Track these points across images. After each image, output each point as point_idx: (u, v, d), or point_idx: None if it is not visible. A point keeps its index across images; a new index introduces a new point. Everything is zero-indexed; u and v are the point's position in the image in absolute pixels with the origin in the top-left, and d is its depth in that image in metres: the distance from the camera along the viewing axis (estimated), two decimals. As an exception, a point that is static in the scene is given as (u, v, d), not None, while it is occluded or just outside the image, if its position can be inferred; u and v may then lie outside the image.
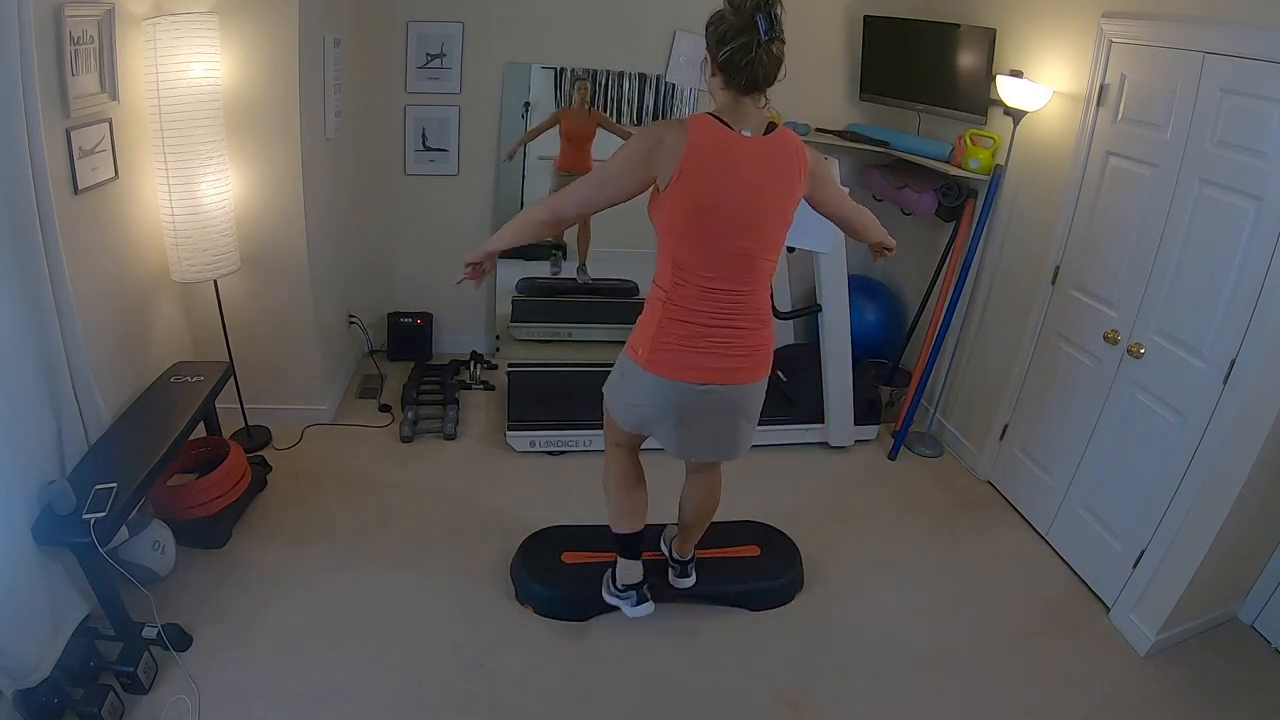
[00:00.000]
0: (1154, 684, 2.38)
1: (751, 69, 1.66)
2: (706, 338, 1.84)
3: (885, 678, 2.33)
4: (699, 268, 1.80)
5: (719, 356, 1.86)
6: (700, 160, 1.70)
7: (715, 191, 1.72)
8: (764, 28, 1.61)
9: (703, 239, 1.77)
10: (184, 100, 2.47)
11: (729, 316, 1.84)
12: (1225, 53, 2.24)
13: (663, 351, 1.86)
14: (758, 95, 1.74)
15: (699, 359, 1.85)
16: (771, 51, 1.65)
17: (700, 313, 1.83)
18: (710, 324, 1.83)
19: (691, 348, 1.84)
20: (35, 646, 1.91)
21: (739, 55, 1.65)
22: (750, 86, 1.70)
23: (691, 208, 1.74)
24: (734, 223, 1.75)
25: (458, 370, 3.86)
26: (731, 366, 1.88)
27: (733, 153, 1.72)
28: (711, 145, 1.71)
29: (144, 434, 2.33)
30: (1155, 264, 2.51)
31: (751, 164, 1.73)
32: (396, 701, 2.11)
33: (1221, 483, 2.26)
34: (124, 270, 2.49)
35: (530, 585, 2.47)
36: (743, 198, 1.74)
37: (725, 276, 1.80)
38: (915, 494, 3.29)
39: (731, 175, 1.72)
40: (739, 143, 1.72)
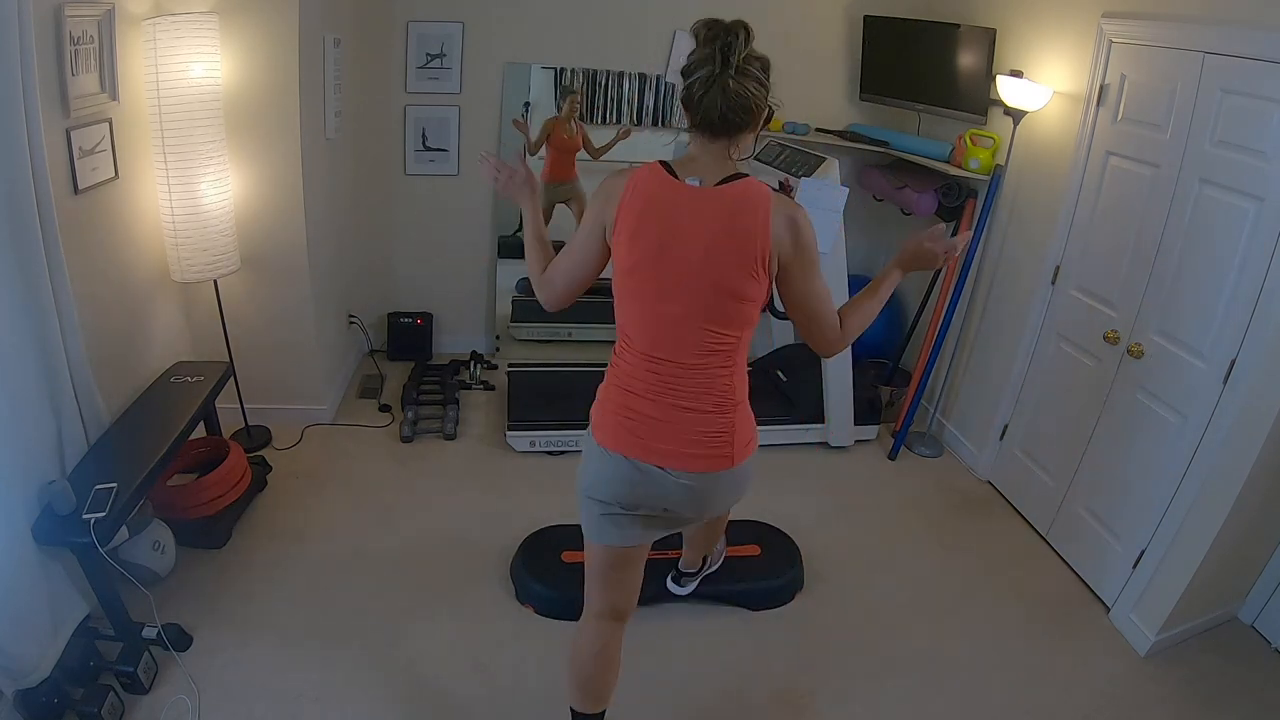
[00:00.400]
0: (1154, 684, 2.38)
1: (707, 106, 1.41)
2: (645, 414, 1.58)
3: (885, 678, 2.33)
4: (636, 333, 1.57)
5: (660, 438, 1.57)
6: (633, 212, 1.49)
7: (645, 248, 1.49)
8: (719, 61, 1.39)
9: (637, 300, 1.54)
10: (184, 100, 2.47)
11: (673, 394, 1.56)
12: (1225, 53, 2.24)
13: (604, 417, 1.64)
14: (720, 139, 1.47)
15: (638, 431, 1.59)
16: (728, 86, 1.39)
17: (638, 383, 1.58)
18: (651, 398, 1.57)
19: (630, 418, 1.59)
20: (35, 646, 1.91)
21: (695, 89, 1.42)
22: (708, 127, 1.45)
23: (625, 264, 1.52)
24: (666, 285, 1.50)
25: (458, 370, 3.86)
26: (676, 451, 1.57)
27: (669, 205, 1.48)
28: (646, 195, 1.49)
29: (144, 434, 2.33)
30: (1155, 264, 2.51)
31: (692, 219, 1.47)
32: (396, 701, 2.11)
33: (1221, 483, 2.26)
34: (124, 270, 2.49)
35: (530, 585, 2.47)
36: (676, 257, 1.47)
37: (665, 346, 1.54)
38: (915, 494, 3.29)
39: (664, 230, 1.47)
40: (680, 193, 1.48)
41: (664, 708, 2.18)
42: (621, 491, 1.64)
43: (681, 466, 1.58)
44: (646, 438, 1.58)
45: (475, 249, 3.99)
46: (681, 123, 4.00)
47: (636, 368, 1.58)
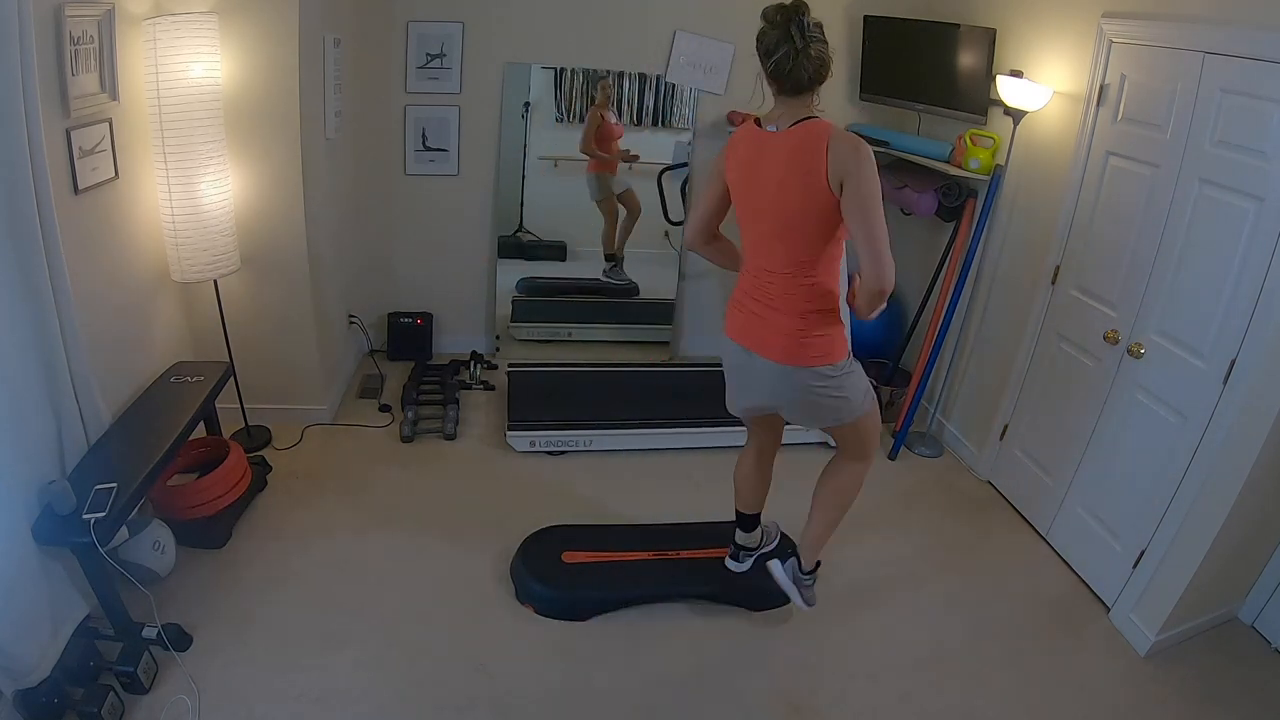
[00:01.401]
0: (1154, 684, 2.38)
1: (796, 73, 1.80)
2: (750, 310, 2.05)
3: (885, 678, 2.33)
4: (747, 250, 2.06)
5: (756, 329, 2.05)
6: (734, 157, 1.98)
7: (743, 182, 1.97)
8: (799, 36, 1.76)
9: (743, 224, 2.03)
10: (184, 100, 2.47)
11: (766, 296, 2.01)
12: (1225, 53, 2.24)
13: (729, 314, 2.15)
14: (803, 95, 1.85)
15: (742, 321, 2.08)
16: (810, 54, 1.78)
17: (749, 286, 2.06)
18: (754, 298, 2.04)
19: (741, 314, 2.09)
20: (35, 646, 1.91)
21: (784, 64, 1.79)
22: (796, 89, 1.83)
23: (734, 197, 2.03)
24: (757, 209, 1.95)
25: (458, 370, 3.86)
26: (763, 340, 2.03)
27: (755, 147, 1.92)
28: (742, 143, 1.95)
29: (144, 434, 2.33)
30: (1155, 264, 2.51)
31: (771, 156, 1.89)
32: (396, 701, 2.11)
33: (1221, 483, 2.26)
34: (124, 270, 2.49)
35: (530, 585, 2.47)
36: (762, 187, 1.92)
37: (762, 258, 2.00)
38: (915, 494, 3.29)
39: (752, 167, 1.93)
40: (763, 138, 1.90)
41: (664, 707, 2.18)
42: (734, 367, 2.18)
43: (765, 355, 2.03)
44: (748, 328, 2.07)
45: (475, 249, 3.99)
46: (682, 124, 4.02)
47: (747, 277, 2.07)
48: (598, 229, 4.04)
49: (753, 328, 2.05)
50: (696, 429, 3.42)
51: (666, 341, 4.30)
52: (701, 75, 3.78)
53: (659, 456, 3.36)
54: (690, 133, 3.89)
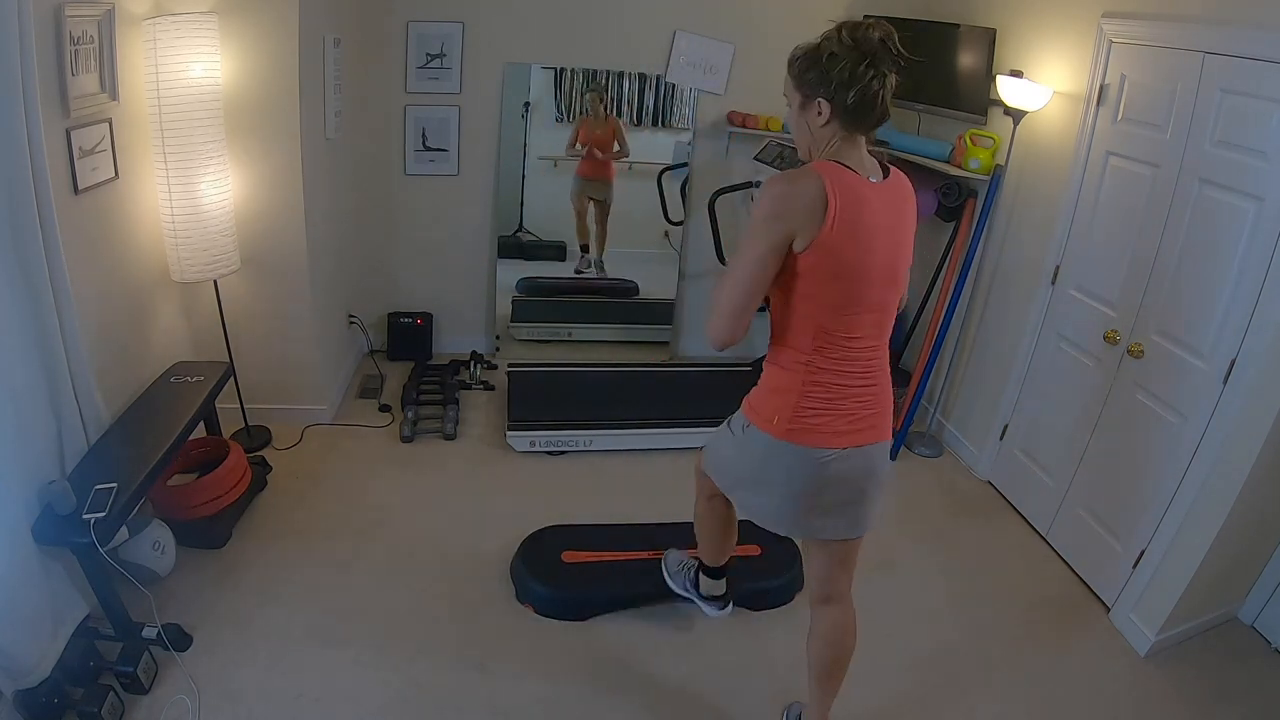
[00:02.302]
0: (1154, 684, 2.38)
1: (882, 106, 1.52)
2: (866, 400, 1.68)
3: (885, 678, 2.33)
4: (848, 327, 1.62)
5: (878, 416, 1.71)
6: (844, 216, 1.50)
7: (854, 248, 1.54)
8: (894, 57, 1.49)
9: (840, 299, 1.59)
10: (184, 100, 2.47)
11: (880, 372, 1.70)
12: (1225, 53, 2.24)
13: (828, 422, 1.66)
14: (870, 133, 1.59)
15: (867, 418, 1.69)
16: (891, 89, 1.52)
17: (856, 376, 1.66)
18: (870, 383, 1.68)
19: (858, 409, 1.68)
20: (35, 646, 1.91)
21: (872, 93, 1.49)
22: (872, 126, 1.55)
23: (828, 273, 1.55)
24: (873, 277, 1.58)
25: (458, 370, 3.86)
26: (884, 423, 1.74)
27: (861, 202, 1.53)
28: (853, 197, 1.52)
29: (144, 434, 2.33)
30: (1155, 264, 2.51)
31: (886, 214, 1.58)
32: (396, 701, 2.11)
33: (1221, 483, 2.26)
34: (124, 270, 2.49)
35: (530, 585, 2.47)
36: (881, 252, 1.58)
37: (876, 333, 1.66)
38: (915, 494, 3.29)
39: (866, 227, 1.54)
40: (872, 191, 1.56)
41: (664, 708, 2.18)
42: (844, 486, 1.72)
43: (885, 436, 1.74)
44: (871, 420, 1.69)
45: (475, 249, 3.99)
46: (682, 124, 3.98)
47: (850, 361, 1.64)
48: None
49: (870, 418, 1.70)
50: (696, 429, 3.42)
51: (666, 341, 4.30)
52: (701, 75, 3.78)
53: (659, 456, 3.36)
54: (690, 133, 3.89)
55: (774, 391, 1.74)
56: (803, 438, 1.66)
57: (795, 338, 1.67)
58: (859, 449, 1.68)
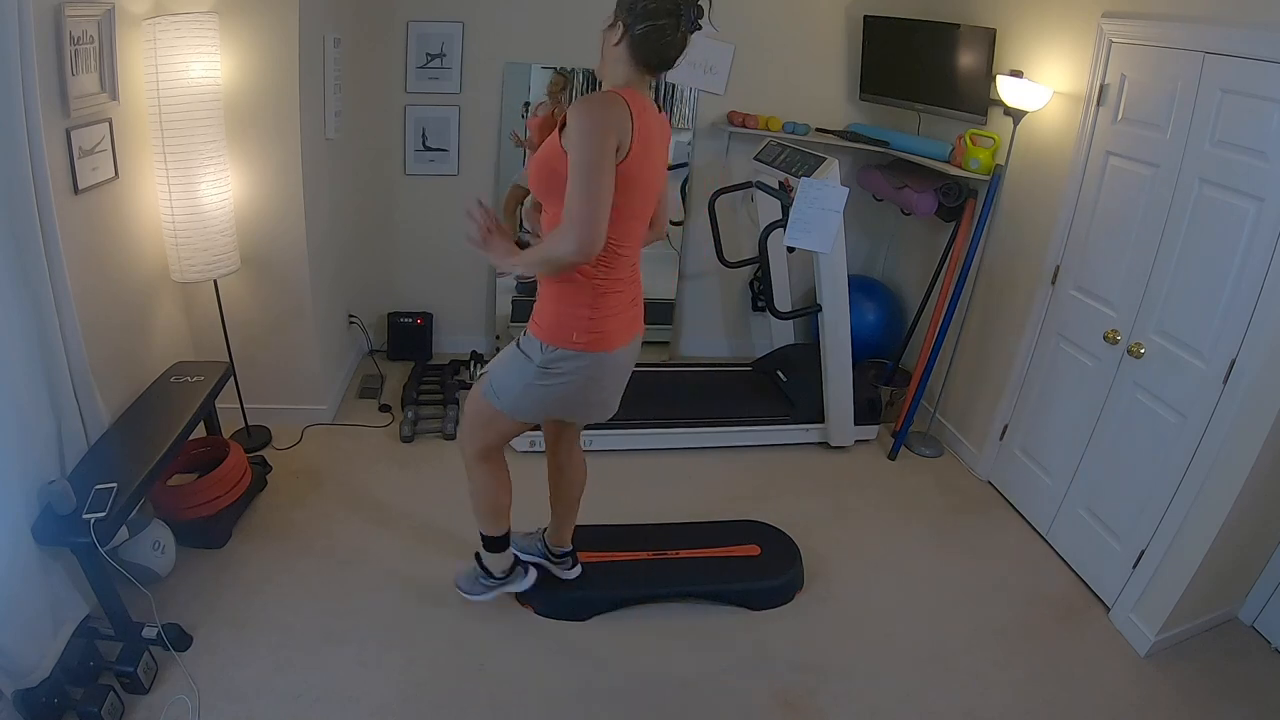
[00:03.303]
0: (1154, 684, 2.38)
1: (664, 51, 1.71)
2: (636, 300, 1.97)
3: (885, 678, 2.33)
4: (630, 242, 1.85)
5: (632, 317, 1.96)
6: (641, 134, 1.70)
7: (648, 165, 1.77)
8: (691, 18, 1.69)
9: (631, 215, 1.80)
10: (184, 100, 2.47)
11: (636, 275, 1.96)
12: (1225, 53, 2.24)
13: (615, 327, 1.89)
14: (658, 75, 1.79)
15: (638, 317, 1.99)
16: (688, 38, 1.73)
17: (634, 285, 1.94)
18: (635, 286, 1.95)
19: (635, 313, 1.97)
20: (35, 646, 1.91)
21: (665, 34, 1.68)
22: (662, 66, 1.74)
23: (631, 182, 1.72)
24: (649, 191, 1.83)
25: (458, 370, 3.86)
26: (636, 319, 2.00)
27: (653, 127, 1.77)
28: (646, 119, 1.73)
29: (144, 434, 2.33)
30: (1155, 264, 2.51)
31: (661, 139, 1.84)
32: (396, 701, 2.11)
33: (1221, 483, 2.26)
34: (124, 270, 2.49)
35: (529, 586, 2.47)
36: (657, 169, 1.84)
37: (634, 238, 1.87)
38: (915, 494, 3.29)
39: (654, 149, 1.78)
40: (654, 119, 1.78)
41: (664, 708, 2.18)
42: (623, 375, 2.03)
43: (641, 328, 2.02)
44: (638, 315, 1.99)
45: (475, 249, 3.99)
46: (682, 124, 3.96)
47: (623, 268, 1.86)
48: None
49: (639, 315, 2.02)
50: (696, 429, 3.42)
51: (666, 341, 4.30)
52: (701, 75, 3.78)
53: (659, 456, 3.36)
54: (690, 132, 3.89)
55: (565, 308, 1.86)
56: (600, 344, 1.86)
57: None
58: (629, 346, 1.96)
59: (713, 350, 4.37)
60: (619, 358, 1.94)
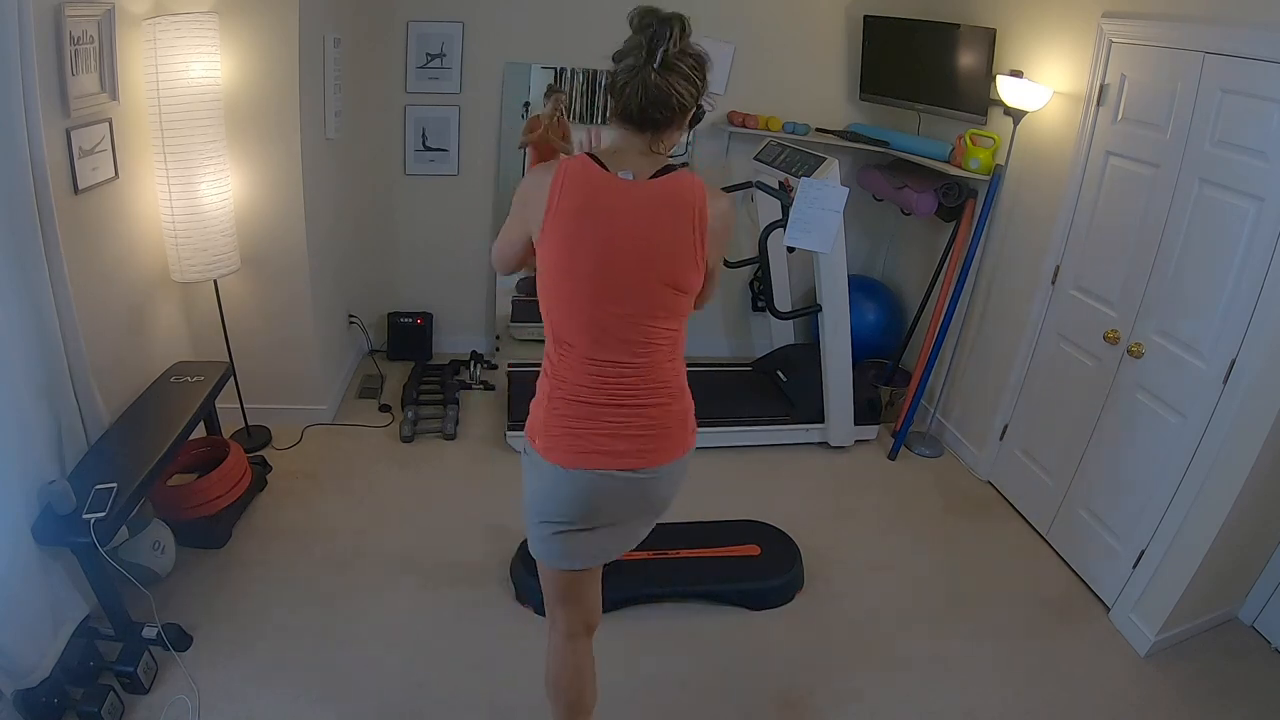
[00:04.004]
0: (1154, 684, 2.38)
1: (627, 97, 1.37)
2: (600, 419, 1.50)
3: (885, 677, 2.33)
4: (577, 338, 1.48)
5: (617, 440, 1.51)
6: (565, 212, 1.40)
7: (584, 250, 1.41)
8: (648, 55, 1.34)
9: (574, 305, 1.46)
10: (184, 100, 2.47)
11: (623, 393, 1.50)
12: (1225, 53, 2.24)
13: (553, 432, 1.53)
14: (649, 134, 1.41)
15: (594, 440, 1.51)
16: (648, 80, 1.34)
17: (585, 389, 1.50)
18: (602, 402, 1.50)
19: (585, 428, 1.51)
20: (35, 646, 1.91)
21: (619, 78, 1.37)
22: (628, 118, 1.40)
23: (560, 267, 1.44)
24: (610, 287, 1.43)
25: (458, 370, 3.86)
26: (635, 449, 1.53)
27: (605, 202, 1.40)
28: (579, 192, 1.40)
29: (144, 434, 2.33)
30: (1155, 264, 2.51)
31: (631, 216, 1.41)
32: (397, 701, 2.11)
33: (1221, 483, 2.26)
34: (124, 270, 2.49)
35: (530, 585, 2.46)
36: (618, 258, 1.42)
37: (610, 348, 1.48)
38: (915, 494, 3.29)
39: (604, 229, 1.40)
40: (615, 188, 1.41)
41: (664, 708, 2.18)
42: (579, 508, 1.56)
43: (642, 464, 1.53)
44: (605, 444, 1.51)
45: (475, 249, 3.99)
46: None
47: (580, 373, 1.50)
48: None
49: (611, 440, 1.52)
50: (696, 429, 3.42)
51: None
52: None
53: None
54: (690, 132, 3.88)
55: (534, 401, 1.60)
56: (537, 444, 1.56)
57: (547, 339, 1.56)
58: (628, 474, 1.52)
59: (713, 350, 4.37)
60: (551, 477, 1.54)
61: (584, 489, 1.53)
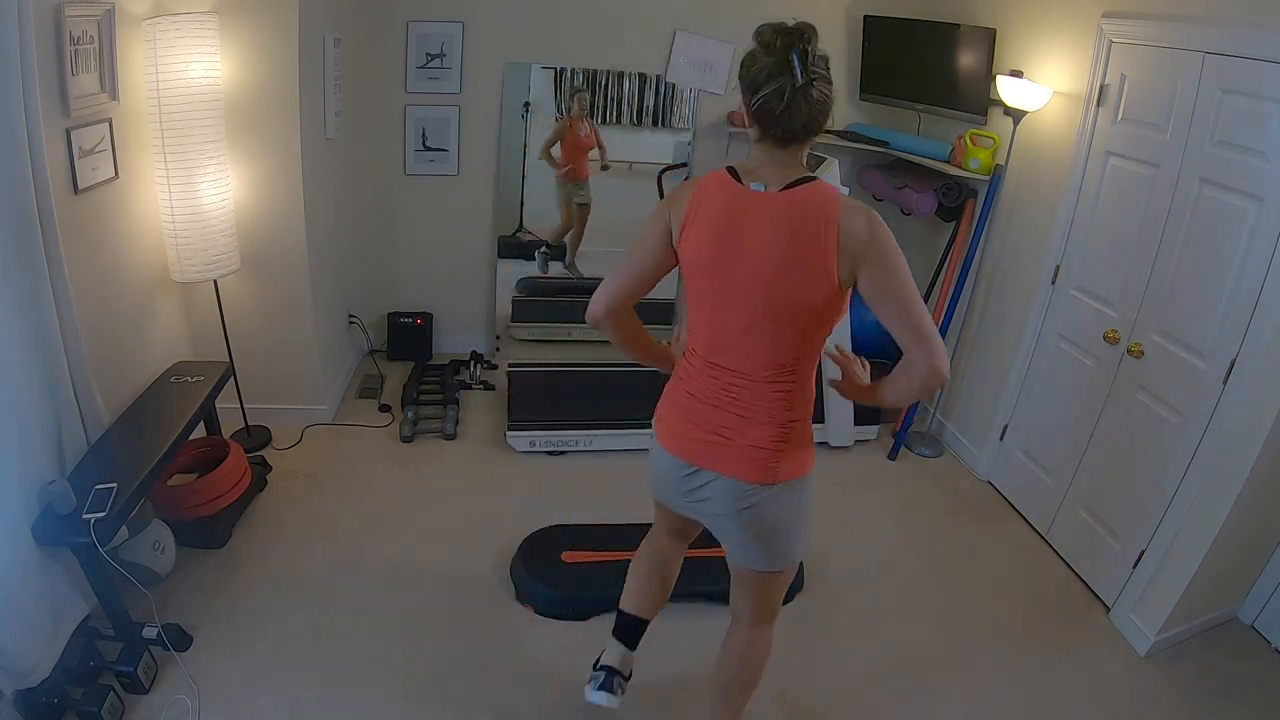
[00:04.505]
0: (1154, 684, 2.38)
1: (788, 119, 1.37)
2: (704, 419, 1.59)
3: (885, 678, 2.33)
4: (701, 340, 1.58)
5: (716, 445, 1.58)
6: (698, 218, 1.48)
7: (711, 254, 1.48)
8: (799, 69, 1.34)
9: (702, 307, 1.55)
10: (184, 100, 2.47)
11: (730, 404, 1.56)
12: (1225, 53, 2.24)
13: (667, 416, 1.68)
14: (792, 146, 1.43)
15: (695, 435, 1.61)
16: (810, 96, 1.36)
17: (700, 388, 1.60)
18: (711, 405, 1.58)
19: (690, 422, 1.62)
20: (35, 646, 1.91)
21: (773, 103, 1.36)
22: (787, 138, 1.41)
23: (691, 269, 1.53)
24: (731, 294, 1.48)
25: (458, 370, 3.86)
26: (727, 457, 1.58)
27: (735, 211, 1.46)
28: (712, 201, 1.48)
29: (144, 434, 2.33)
30: (1155, 264, 2.51)
31: (756, 226, 1.44)
32: (397, 701, 2.11)
33: (1221, 483, 2.26)
34: (124, 270, 2.49)
35: (530, 585, 2.47)
36: (741, 266, 1.46)
37: (728, 356, 1.55)
38: (915, 494, 3.29)
39: (730, 237, 1.46)
40: (746, 200, 1.45)
41: (664, 708, 2.18)
42: (672, 491, 1.71)
43: (730, 473, 1.57)
44: (703, 443, 1.60)
45: (475, 249, 3.99)
46: (682, 124, 3.97)
47: (700, 373, 1.60)
48: (598, 229, 4.03)
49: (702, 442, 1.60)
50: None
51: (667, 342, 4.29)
52: (701, 75, 3.78)
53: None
54: (690, 133, 3.89)
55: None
56: (658, 431, 1.71)
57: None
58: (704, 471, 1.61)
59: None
60: (655, 451, 1.71)
61: (656, 459, 1.73)
